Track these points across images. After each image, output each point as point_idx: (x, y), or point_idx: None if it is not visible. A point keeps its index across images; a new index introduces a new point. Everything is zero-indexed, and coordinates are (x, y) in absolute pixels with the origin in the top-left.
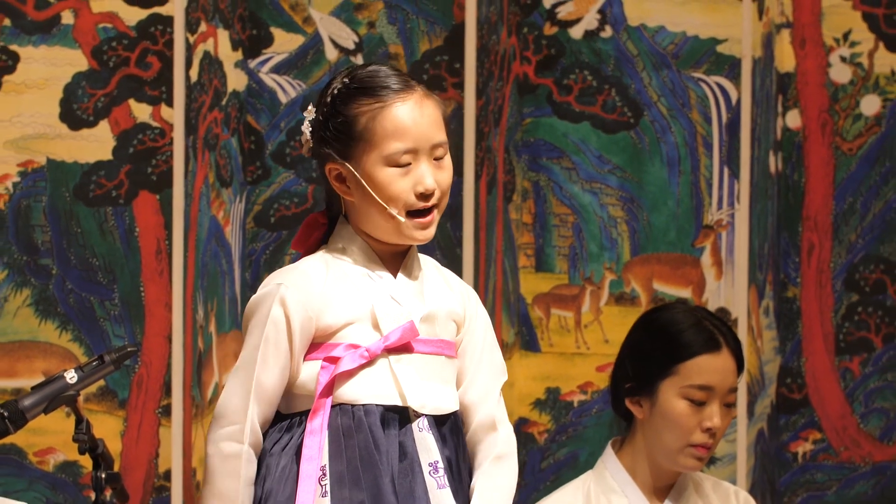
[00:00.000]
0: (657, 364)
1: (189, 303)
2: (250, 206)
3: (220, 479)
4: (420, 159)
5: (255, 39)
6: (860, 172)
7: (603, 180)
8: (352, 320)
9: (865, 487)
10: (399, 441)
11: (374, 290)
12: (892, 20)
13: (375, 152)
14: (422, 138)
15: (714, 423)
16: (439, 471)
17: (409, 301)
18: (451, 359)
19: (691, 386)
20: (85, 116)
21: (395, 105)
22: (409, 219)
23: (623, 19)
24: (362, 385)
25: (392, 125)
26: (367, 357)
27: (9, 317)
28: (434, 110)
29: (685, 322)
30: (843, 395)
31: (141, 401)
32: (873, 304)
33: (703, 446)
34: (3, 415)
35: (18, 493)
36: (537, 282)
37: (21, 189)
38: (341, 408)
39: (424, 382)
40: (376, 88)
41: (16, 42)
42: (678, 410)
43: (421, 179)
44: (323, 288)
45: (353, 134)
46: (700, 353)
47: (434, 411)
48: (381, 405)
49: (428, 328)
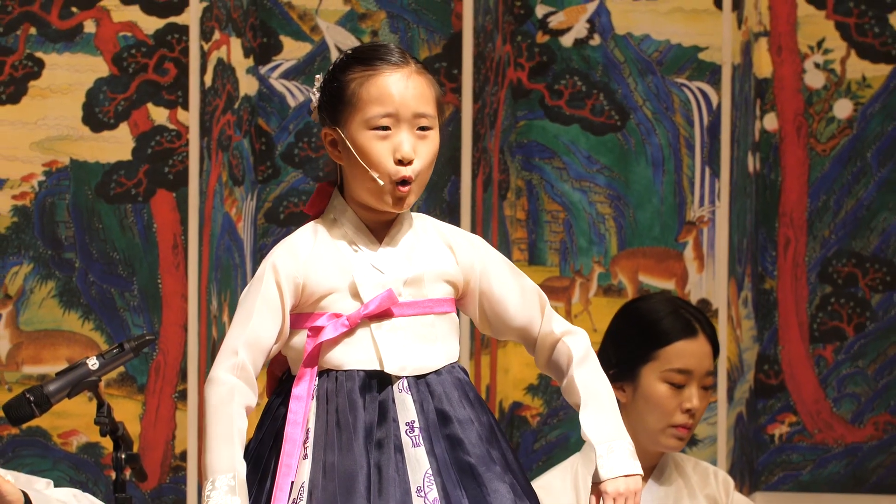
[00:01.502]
0: (638, 350)
1: (203, 294)
2: (261, 204)
3: (212, 399)
4: (400, 126)
5: (266, 47)
6: (833, 172)
7: (592, 179)
8: (333, 289)
9: (838, 467)
10: (379, 401)
11: (356, 259)
12: (863, 29)
13: (359, 116)
14: (403, 106)
15: (693, 405)
16: (415, 430)
17: (393, 267)
18: (442, 315)
19: (671, 370)
20: (106, 119)
21: (384, 74)
22: (390, 184)
23: (610, 28)
24: (345, 352)
25: (377, 91)
26: (348, 325)
27: (35, 307)
28: (423, 85)
29: (663, 311)
30: (816, 380)
31: (158, 386)
32: (845, 296)
33: (684, 426)
34: (30, 399)
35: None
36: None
37: (46, 187)
38: (327, 374)
39: (406, 346)
40: (372, 59)
41: (41, 50)
42: (659, 393)
43: (399, 146)
44: (308, 256)
45: (343, 98)
46: (678, 339)
47: (415, 372)
48: (361, 370)
49: (414, 290)
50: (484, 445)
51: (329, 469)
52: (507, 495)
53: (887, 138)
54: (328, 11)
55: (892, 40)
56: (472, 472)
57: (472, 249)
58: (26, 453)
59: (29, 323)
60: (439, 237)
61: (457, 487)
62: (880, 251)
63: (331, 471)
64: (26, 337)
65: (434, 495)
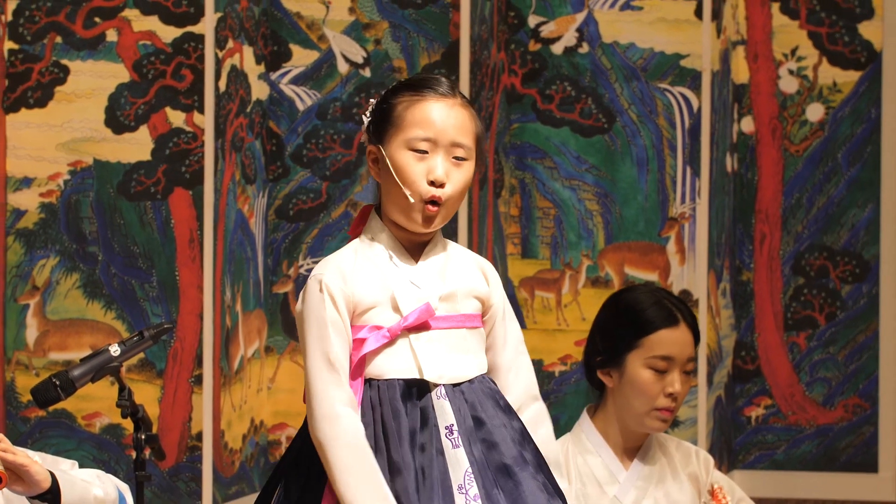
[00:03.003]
0: (624, 339)
1: (218, 285)
2: (272, 201)
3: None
4: (437, 151)
5: (276, 54)
6: (806, 171)
7: (581, 178)
8: (375, 303)
9: (810, 447)
10: (420, 408)
11: (395, 276)
12: (834, 38)
13: (401, 136)
14: (442, 133)
15: (676, 389)
16: (454, 433)
17: (429, 284)
18: (473, 329)
19: (654, 356)
20: (127, 122)
21: (430, 101)
22: (420, 202)
23: (598, 37)
24: (385, 362)
25: (420, 115)
26: (389, 337)
27: (60, 298)
28: (465, 118)
29: (647, 301)
30: (790, 366)
31: (176, 371)
32: (817, 287)
33: (667, 409)
34: (56, 383)
35: (69, 453)
36: (523, 267)
37: (71, 186)
38: (369, 383)
39: (443, 355)
40: (421, 87)
41: (66, 57)
42: (644, 379)
43: (433, 168)
44: (352, 274)
45: (389, 119)
46: (661, 327)
47: (451, 380)
48: (402, 379)
49: (448, 305)
50: (517, 447)
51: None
52: (541, 493)
53: (856, 140)
54: (334, 21)
55: (860, 48)
56: (507, 471)
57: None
58: (53, 434)
59: (55, 312)
60: (472, 261)
61: (494, 486)
62: (850, 245)
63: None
64: (52, 325)
65: (475, 492)
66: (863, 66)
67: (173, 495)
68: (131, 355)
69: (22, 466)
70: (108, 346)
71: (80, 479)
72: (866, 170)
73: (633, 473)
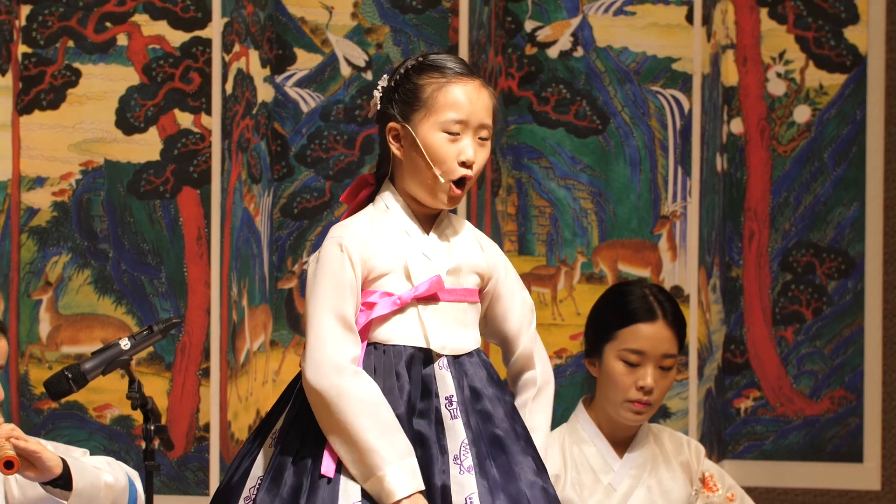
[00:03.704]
0: (603, 329)
1: (225, 281)
2: (277, 200)
3: (362, 389)
4: (467, 133)
5: (281, 58)
6: (793, 171)
7: (575, 177)
8: (388, 271)
9: (797, 438)
10: (423, 376)
11: (408, 245)
12: (821, 42)
13: (434, 118)
14: (473, 115)
15: (646, 383)
16: (453, 404)
17: (439, 256)
18: (473, 304)
19: (626, 349)
20: (137, 123)
21: (458, 83)
22: (449, 182)
23: (592, 41)
24: (394, 328)
25: (453, 98)
26: (399, 304)
27: (72, 293)
28: (488, 99)
29: (633, 295)
30: (778, 359)
31: (184, 364)
32: (804, 283)
33: (639, 402)
34: (68, 376)
35: (80, 443)
36: (520, 263)
37: (83, 185)
38: (376, 347)
39: (447, 327)
40: (444, 68)
41: (78, 60)
42: (615, 370)
43: (464, 149)
44: (369, 239)
45: (419, 100)
46: (636, 321)
47: (453, 352)
48: (409, 346)
49: (453, 279)
50: (509, 421)
51: None
52: (531, 467)
53: (842, 141)
54: (337, 26)
55: (846, 52)
56: (500, 444)
57: (496, 252)
58: (65, 425)
59: (67, 307)
60: (472, 234)
61: (487, 457)
62: (836, 242)
63: None
64: (65, 320)
65: (469, 463)
66: (848, 70)
67: (182, 484)
68: (141, 349)
69: (34, 453)
70: (119, 340)
71: (91, 466)
72: (852, 169)
73: (626, 462)
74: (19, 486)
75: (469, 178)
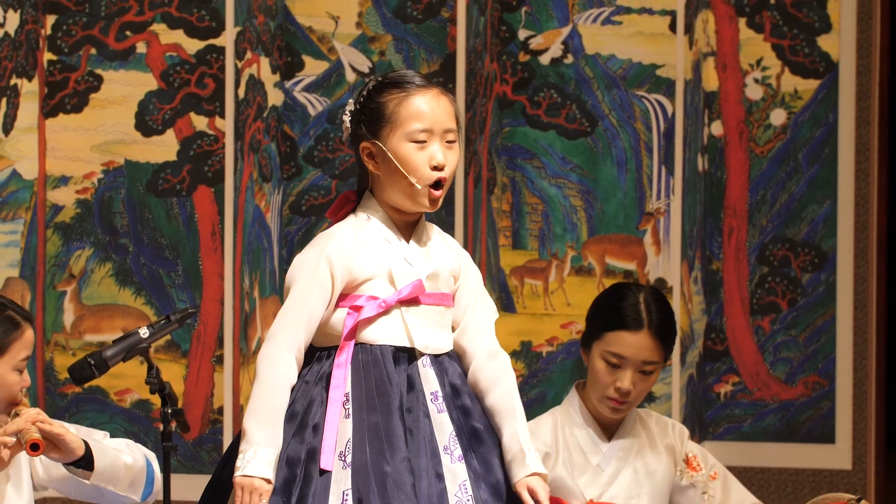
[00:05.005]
0: (594, 327)
1: (237, 274)
2: (286, 197)
3: (274, 375)
4: (434, 139)
5: (290, 65)
6: (770, 171)
7: (566, 177)
8: (372, 276)
9: (774, 420)
10: (407, 374)
11: (391, 253)
12: (796, 50)
13: (400, 131)
14: (436, 122)
15: (623, 385)
16: (439, 398)
17: (419, 262)
18: (448, 308)
19: (608, 351)
20: (155, 126)
21: (418, 95)
22: (426, 188)
23: (582, 49)
24: (380, 329)
25: (414, 109)
26: (384, 307)
27: (95, 285)
28: (448, 104)
29: (626, 301)
30: (756, 347)
31: (199, 351)
32: (780, 275)
33: (615, 400)
34: (91, 363)
35: (102, 425)
36: (513, 257)
37: (104, 184)
38: (362, 347)
39: (428, 328)
40: (403, 83)
41: (100, 67)
42: (598, 367)
43: (434, 154)
44: (352, 248)
45: (383, 116)
46: (622, 328)
47: (435, 351)
48: (393, 346)
49: (432, 284)
50: (485, 418)
51: (372, 429)
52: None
53: (815, 142)
54: (343, 35)
55: (819, 59)
56: (479, 437)
57: (461, 260)
58: (87, 409)
59: (90, 298)
60: (443, 241)
61: (469, 449)
62: (809, 237)
63: (374, 430)
64: (87, 310)
65: (459, 453)
66: (821, 76)
67: (197, 464)
68: (159, 337)
69: (58, 436)
70: (138, 328)
71: (112, 448)
72: (824, 169)
73: (614, 445)
74: (44, 467)
75: (444, 179)
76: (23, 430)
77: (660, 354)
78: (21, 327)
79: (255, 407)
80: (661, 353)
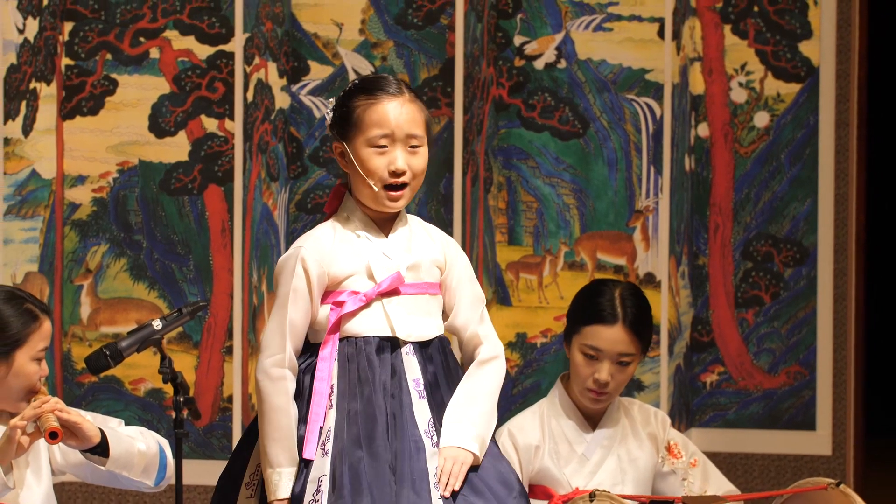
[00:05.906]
0: (572, 321)
1: (246, 269)
2: (292, 196)
3: (274, 396)
4: (395, 145)
5: (296, 69)
6: (754, 170)
7: (559, 176)
8: (352, 272)
9: (757, 408)
10: (391, 363)
11: (369, 248)
12: (778, 55)
13: (363, 136)
14: (398, 128)
15: (601, 377)
16: (420, 385)
17: (398, 255)
18: (434, 295)
19: (586, 345)
20: (168, 128)
21: (384, 102)
22: (383, 190)
23: (574, 54)
24: (362, 322)
25: (377, 116)
26: (365, 300)
27: (110, 279)
28: (415, 111)
29: (603, 296)
30: (740, 338)
31: (210, 343)
32: (763, 270)
33: (594, 391)
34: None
35: (117, 413)
36: (509, 253)
37: (119, 183)
38: (347, 340)
39: (411, 317)
40: (373, 90)
41: (115, 72)
42: (576, 361)
43: (393, 160)
44: (331, 248)
45: (351, 121)
46: (597, 322)
47: (418, 339)
48: (376, 336)
49: (414, 274)
50: None
51: (353, 415)
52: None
53: (797, 143)
54: (346, 41)
55: (801, 64)
56: None
57: (447, 249)
58: (103, 397)
59: (105, 292)
60: (426, 232)
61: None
62: (791, 234)
63: (354, 416)
64: (103, 303)
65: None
66: (803, 80)
67: (207, 450)
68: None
69: (75, 424)
70: (152, 321)
71: (126, 435)
72: (806, 169)
73: (598, 434)
74: (62, 453)
75: (406, 182)
76: (41, 419)
77: (636, 347)
78: (39, 319)
79: (267, 431)
80: (636, 345)
